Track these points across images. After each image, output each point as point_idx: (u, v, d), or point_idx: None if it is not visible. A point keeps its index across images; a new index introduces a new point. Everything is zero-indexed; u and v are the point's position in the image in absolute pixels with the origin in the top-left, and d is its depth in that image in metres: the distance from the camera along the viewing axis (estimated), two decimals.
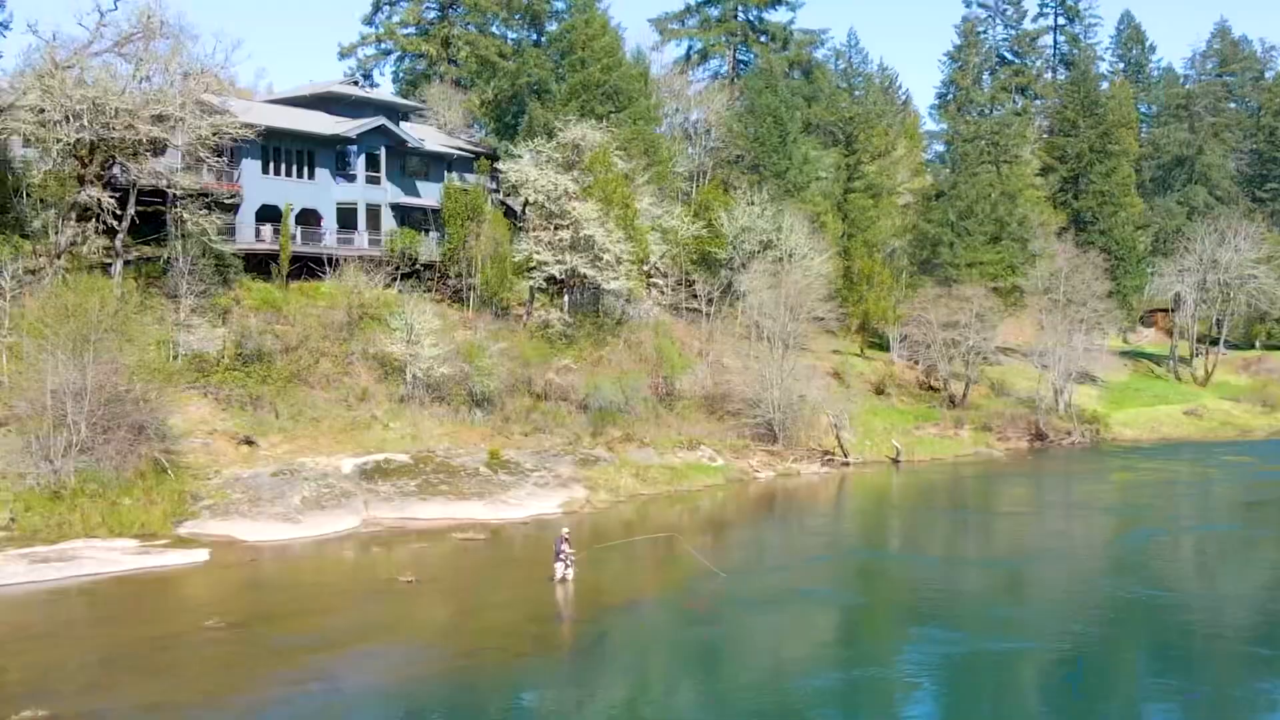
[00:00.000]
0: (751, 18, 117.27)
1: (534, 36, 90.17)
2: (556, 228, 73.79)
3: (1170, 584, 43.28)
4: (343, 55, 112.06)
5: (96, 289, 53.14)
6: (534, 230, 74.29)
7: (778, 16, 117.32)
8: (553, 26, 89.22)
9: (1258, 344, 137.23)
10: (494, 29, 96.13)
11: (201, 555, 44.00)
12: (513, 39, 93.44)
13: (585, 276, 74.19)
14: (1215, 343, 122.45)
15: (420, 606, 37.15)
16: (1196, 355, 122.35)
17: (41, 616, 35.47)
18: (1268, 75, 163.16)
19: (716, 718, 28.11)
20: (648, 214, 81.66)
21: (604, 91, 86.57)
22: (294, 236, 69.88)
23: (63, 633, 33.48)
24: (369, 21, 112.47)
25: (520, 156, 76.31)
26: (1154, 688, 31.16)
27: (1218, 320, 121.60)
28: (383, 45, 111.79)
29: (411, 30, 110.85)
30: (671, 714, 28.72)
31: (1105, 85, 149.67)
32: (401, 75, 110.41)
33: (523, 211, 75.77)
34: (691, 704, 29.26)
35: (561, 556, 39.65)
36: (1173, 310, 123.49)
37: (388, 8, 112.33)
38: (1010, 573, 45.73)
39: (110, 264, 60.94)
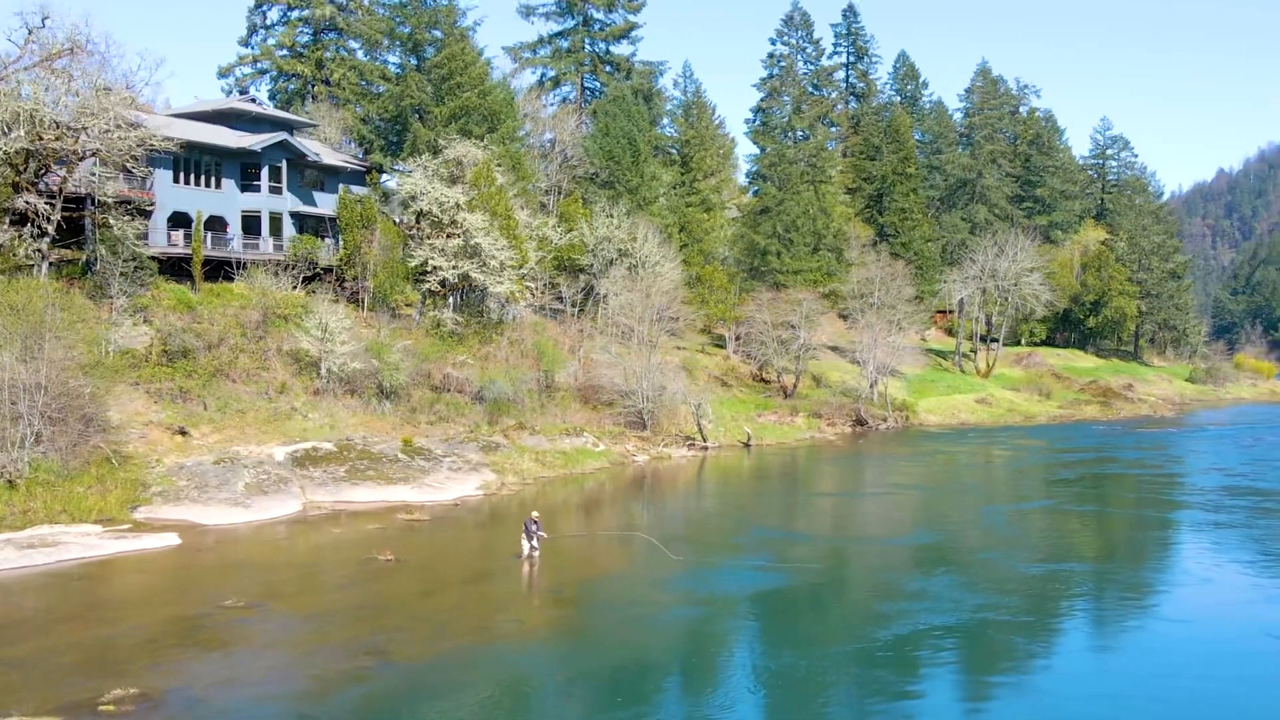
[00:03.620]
0: (598, 49, 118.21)
1: (414, 61, 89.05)
2: (449, 236, 73.57)
3: (1045, 555, 44.79)
4: (221, 74, 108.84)
5: (39, 290, 51.12)
6: (428, 239, 73.85)
7: (622, 49, 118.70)
8: (430, 52, 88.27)
9: (1023, 341, 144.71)
10: (377, 54, 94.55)
11: (172, 539, 42.66)
12: (395, 64, 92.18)
13: (475, 280, 73.99)
14: (994, 340, 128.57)
15: (412, 582, 36.42)
16: (976, 351, 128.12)
17: (56, 600, 33.82)
18: (1022, 110, 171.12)
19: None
20: (525, 225, 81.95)
21: (479, 114, 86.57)
22: (204, 241, 68.00)
23: (89, 615, 31.98)
24: (245, 43, 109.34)
25: (412, 172, 75.92)
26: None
27: (988, 320, 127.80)
28: (259, 65, 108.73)
29: (286, 52, 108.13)
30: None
31: (888, 116, 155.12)
32: (277, 94, 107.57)
33: (417, 221, 75.02)
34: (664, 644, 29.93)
35: (530, 535, 39.72)
36: (956, 312, 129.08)
37: (263, 31, 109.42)
38: (902, 550, 45.29)
39: (33, 265, 58.31)
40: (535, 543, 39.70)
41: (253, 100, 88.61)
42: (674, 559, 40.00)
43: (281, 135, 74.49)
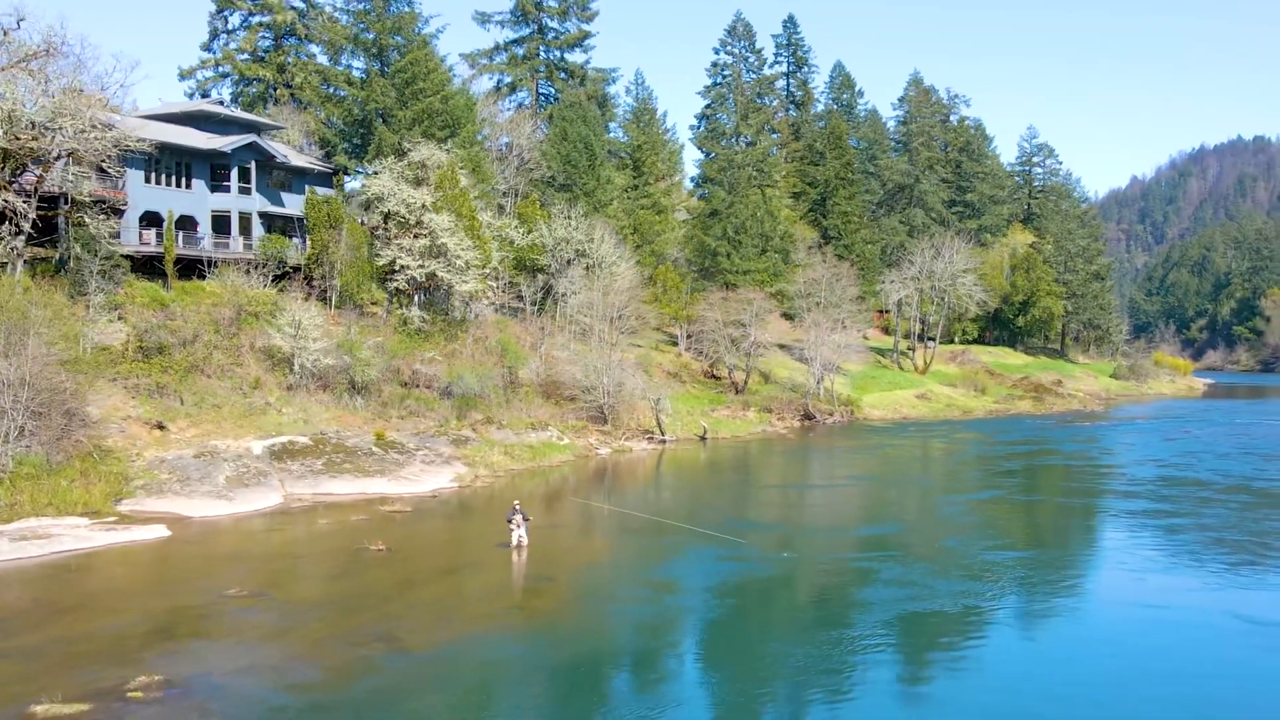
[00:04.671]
0: (553, 57, 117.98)
1: (378, 66, 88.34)
2: (416, 236, 73.19)
3: (1008, 542, 45.44)
4: (183, 77, 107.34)
5: (22, 287, 50.31)
6: (395, 239, 73.43)
7: (575, 57, 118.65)
8: (395, 57, 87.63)
9: (956, 339, 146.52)
10: (340, 60, 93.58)
11: (160, 531, 42.07)
12: (359, 69, 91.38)
13: (441, 279, 73.68)
14: (931, 339, 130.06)
15: (406, 571, 36.15)
16: (914, 349, 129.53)
17: (58, 590, 33.16)
18: (953, 119, 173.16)
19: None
20: (488, 225, 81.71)
21: (441, 118, 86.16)
22: (176, 240, 67.08)
23: (94, 605, 31.46)
24: (207, 48, 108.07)
25: (379, 174, 75.45)
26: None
27: (923, 319, 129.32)
28: (221, 69, 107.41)
29: (247, 56, 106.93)
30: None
31: (823, 124, 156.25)
32: (239, 97, 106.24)
33: (385, 221, 74.50)
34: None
35: (515, 524, 39.67)
36: (894, 311, 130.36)
37: (225, 35, 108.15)
38: (873, 538, 45.75)
39: (7, 263, 57.24)
40: (524, 530, 39.67)
41: (221, 103, 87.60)
42: (641, 518, 40.25)
43: (251, 137, 73.70)
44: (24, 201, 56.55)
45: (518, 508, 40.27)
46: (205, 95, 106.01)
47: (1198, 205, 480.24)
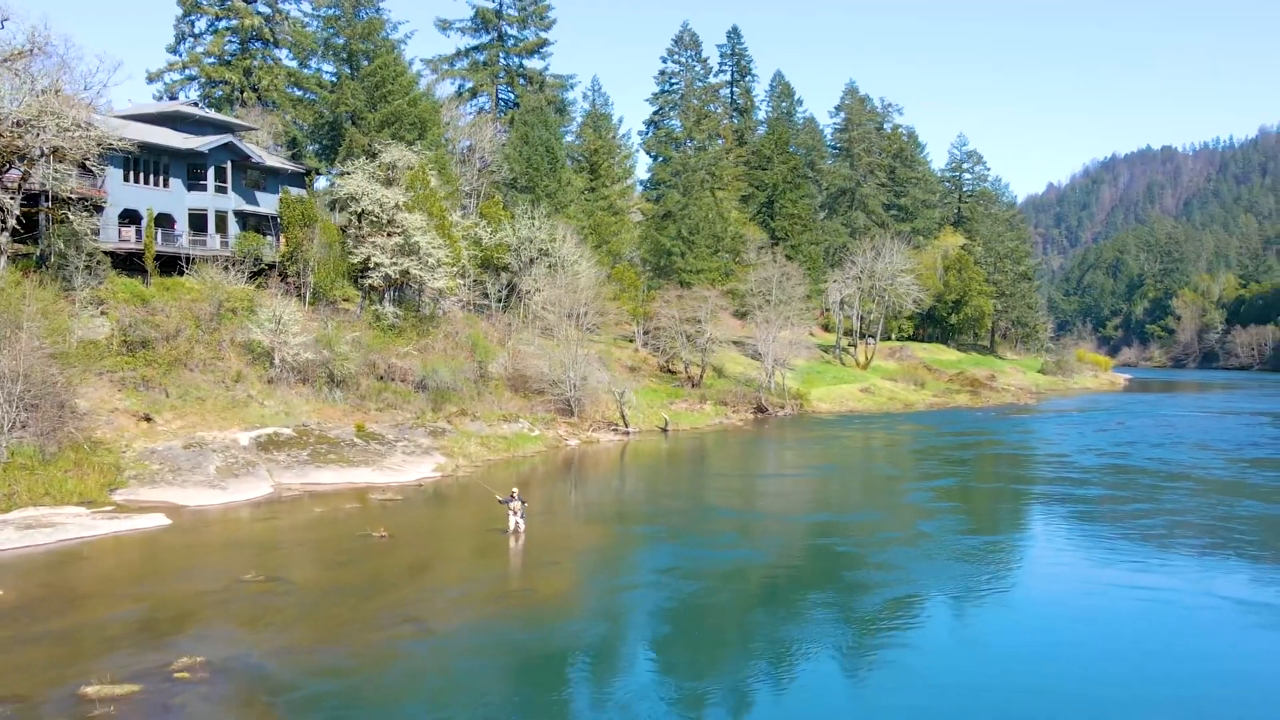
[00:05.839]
0: (513, 63, 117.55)
1: (348, 70, 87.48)
2: (389, 235, 72.63)
3: (977, 527, 45.93)
4: (150, 79, 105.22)
5: (15, 282, 49.29)
6: (369, 237, 72.82)
7: (534, 63, 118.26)
8: (364, 62, 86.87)
9: (893, 336, 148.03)
10: (308, 63, 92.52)
11: (160, 519, 41.39)
12: (329, 73, 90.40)
13: (414, 276, 73.22)
14: (871, 336, 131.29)
15: (412, 557, 35.80)
16: (855, 345, 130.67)
17: (74, 577, 32.49)
18: (886, 126, 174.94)
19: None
20: (456, 224, 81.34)
21: (409, 121, 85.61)
22: (155, 237, 66.04)
23: (112, 590, 30.84)
24: (174, 50, 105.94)
25: (353, 174, 74.77)
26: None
27: (861, 316, 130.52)
28: (188, 72, 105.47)
29: (214, 60, 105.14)
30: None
31: (762, 130, 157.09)
32: (206, 99, 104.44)
33: (358, 220, 73.82)
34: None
35: (513, 510, 39.53)
36: (836, 309, 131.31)
37: (191, 39, 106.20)
38: (852, 525, 45.48)
39: None
40: (521, 516, 39.56)
41: (194, 104, 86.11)
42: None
43: (227, 138, 72.73)
44: (10, 198, 55.34)
45: (516, 494, 40.13)
46: (173, 97, 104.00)
47: (1110, 211, 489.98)
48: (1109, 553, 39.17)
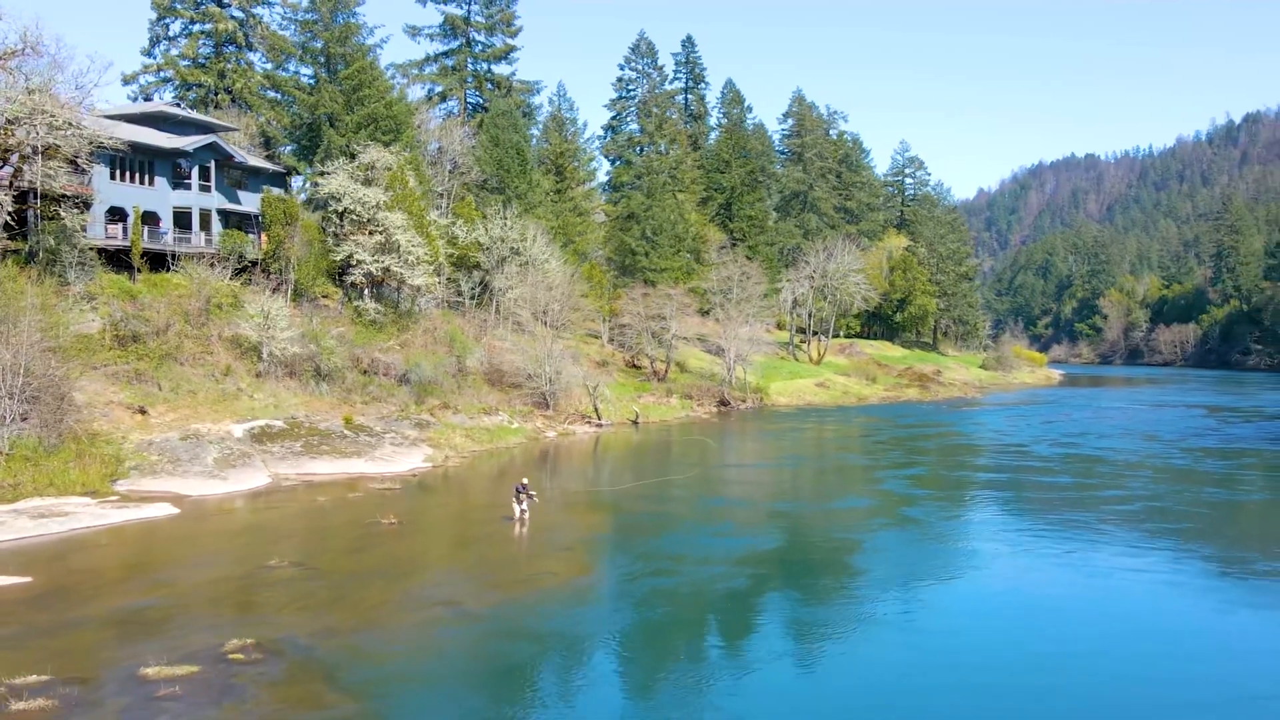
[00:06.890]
0: (481, 69, 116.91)
1: (326, 73, 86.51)
2: (371, 233, 72.10)
3: (963, 513, 46.86)
4: (125, 81, 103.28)
5: (14, 277, 48.34)
6: (350, 236, 72.25)
7: (502, 69, 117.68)
8: (342, 65, 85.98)
9: (842, 334, 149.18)
10: (283, 67, 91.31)
11: (167, 508, 40.82)
12: (307, 75, 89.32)
13: (395, 273, 72.72)
14: (823, 333, 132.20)
15: (425, 542, 35.78)
16: (807, 342, 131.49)
17: (98, 563, 31.91)
18: (832, 133, 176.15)
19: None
20: (434, 223, 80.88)
21: (385, 123, 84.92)
22: (141, 235, 65.04)
23: (140, 577, 30.29)
24: (148, 53, 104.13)
25: (335, 174, 74.18)
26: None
27: (809, 314, 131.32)
28: (163, 74, 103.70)
29: (189, 62, 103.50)
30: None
31: (715, 135, 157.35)
32: (181, 101, 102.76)
33: (339, 219, 73.17)
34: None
35: (521, 499, 39.38)
36: (789, 307, 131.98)
37: (166, 42, 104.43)
38: (844, 512, 45.65)
39: None
40: (525, 505, 39.44)
41: (177, 104, 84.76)
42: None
43: (211, 138, 71.76)
44: (2, 194, 54.27)
45: (525, 485, 39.97)
46: (149, 99, 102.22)
47: (1037, 215, 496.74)
48: (1093, 539, 39.81)
